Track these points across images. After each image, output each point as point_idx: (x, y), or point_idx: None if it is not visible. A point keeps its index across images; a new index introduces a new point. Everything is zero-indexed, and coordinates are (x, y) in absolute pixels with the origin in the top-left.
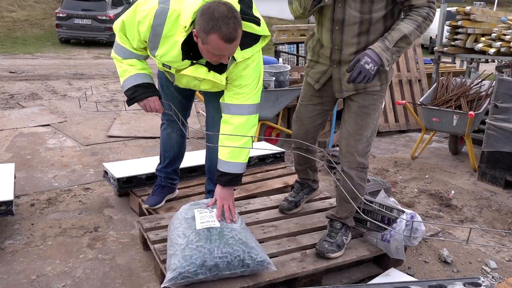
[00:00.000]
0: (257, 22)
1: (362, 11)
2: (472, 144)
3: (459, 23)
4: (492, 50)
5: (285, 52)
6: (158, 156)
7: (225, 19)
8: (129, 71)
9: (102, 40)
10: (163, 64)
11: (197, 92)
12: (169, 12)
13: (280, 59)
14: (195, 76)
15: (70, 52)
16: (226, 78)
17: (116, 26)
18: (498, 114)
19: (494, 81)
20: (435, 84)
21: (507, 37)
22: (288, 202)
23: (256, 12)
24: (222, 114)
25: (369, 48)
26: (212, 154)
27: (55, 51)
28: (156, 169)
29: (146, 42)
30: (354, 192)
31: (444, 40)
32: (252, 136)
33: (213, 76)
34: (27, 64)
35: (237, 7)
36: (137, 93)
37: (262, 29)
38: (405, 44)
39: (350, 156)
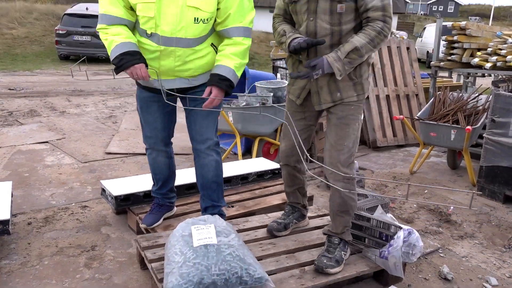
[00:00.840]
0: None
1: (332, 23)
2: (470, 158)
3: (455, 38)
4: (488, 65)
5: (282, 68)
6: None
7: None
8: (115, 40)
9: (101, 57)
10: None
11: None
12: None
13: (278, 75)
14: None
15: (70, 68)
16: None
17: None
18: (495, 129)
19: (491, 96)
20: (432, 99)
21: (503, 52)
22: (278, 223)
23: None
24: (233, 39)
25: (323, 57)
26: (203, 170)
27: (54, 67)
28: (152, 191)
29: None
30: (345, 204)
31: (441, 54)
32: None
33: None
34: (26, 81)
35: None
36: (124, 61)
37: None
38: (356, 56)
39: (334, 167)
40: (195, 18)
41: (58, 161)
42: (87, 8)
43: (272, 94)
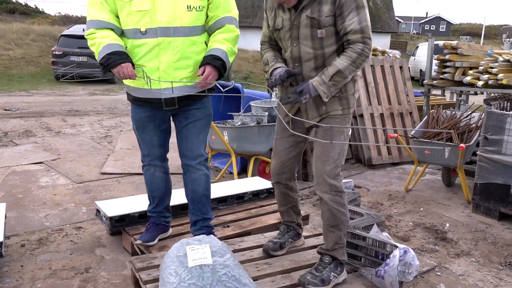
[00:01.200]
0: None
1: (315, 48)
2: (465, 176)
3: (447, 57)
4: (480, 83)
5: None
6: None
7: None
8: (103, 42)
9: (97, 77)
10: None
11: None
12: None
13: (273, 94)
14: None
15: (66, 88)
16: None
17: (88, 1)
18: (488, 146)
19: (483, 114)
20: (426, 117)
21: (494, 70)
22: (273, 243)
23: None
24: (225, 26)
25: (309, 82)
26: (193, 184)
27: (50, 88)
28: (148, 211)
29: None
30: (334, 218)
31: (433, 73)
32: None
33: None
34: (22, 101)
35: None
36: (111, 60)
37: None
38: (340, 78)
39: (319, 178)
40: (188, 6)
41: (52, 181)
42: (83, 29)
43: (267, 113)
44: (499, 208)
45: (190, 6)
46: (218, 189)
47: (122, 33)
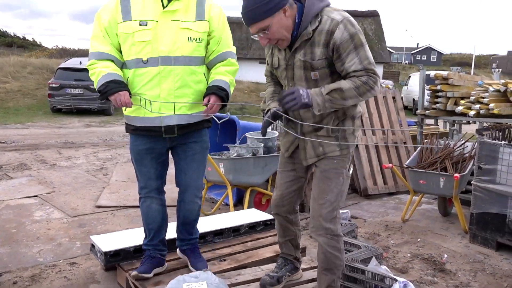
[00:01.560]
0: None
1: (310, 89)
2: (460, 205)
3: (438, 87)
4: (472, 113)
5: None
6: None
7: None
8: (102, 71)
9: (94, 109)
10: (140, 22)
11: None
12: None
13: (269, 128)
14: (169, 9)
15: (61, 121)
16: (209, 38)
17: (91, 35)
18: (483, 176)
19: (476, 143)
20: (420, 147)
21: (485, 100)
22: (270, 277)
23: None
24: (227, 60)
25: (304, 88)
26: (186, 212)
27: (46, 120)
28: (143, 244)
29: (117, 16)
30: (327, 261)
31: (426, 103)
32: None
33: (183, 3)
34: (17, 134)
35: None
36: (109, 88)
37: None
38: (338, 96)
39: (315, 221)
40: (188, 37)
41: (47, 215)
42: (80, 62)
43: (262, 144)
44: (496, 238)
45: (190, 37)
46: (214, 222)
47: (123, 65)
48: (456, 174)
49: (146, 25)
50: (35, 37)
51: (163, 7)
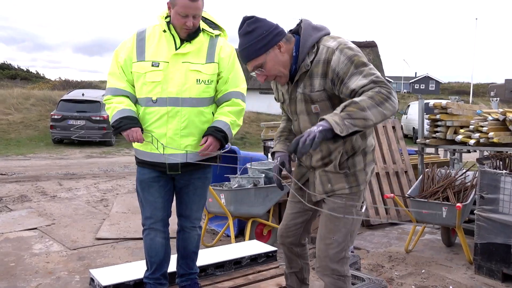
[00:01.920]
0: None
1: (312, 123)
2: (464, 235)
3: (438, 116)
4: (472, 141)
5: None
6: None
7: None
8: (117, 107)
9: (95, 140)
10: (152, 63)
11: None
12: (147, 26)
13: (269, 155)
14: (181, 52)
15: (63, 152)
16: (218, 77)
17: (109, 71)
18: (485, 205)
19: (477, 172)
20: (421, 176)
21: (485, 129)
22: None
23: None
24: (231, 100)
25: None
26: (186, 242)
27: (47, 151)
28: (144, 277)
29: (133, 55)
30: None
31: (426, 132)
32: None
33: (195, 46)
34: (19, 165)
35: None
36: (122, 123)
37: (220, 23)
38: (355, 108)
39: (321, 261)
40: (197, 79)
41: (46, 248)
42: (83, 94)
43: (263, 175)
44: (501, 269)
45: (199, 79)
46: (215, 254)
47: (136, 101)
48: (458, 204)
49: (158, 66)
50: (39, 69)
51: (176, 49)
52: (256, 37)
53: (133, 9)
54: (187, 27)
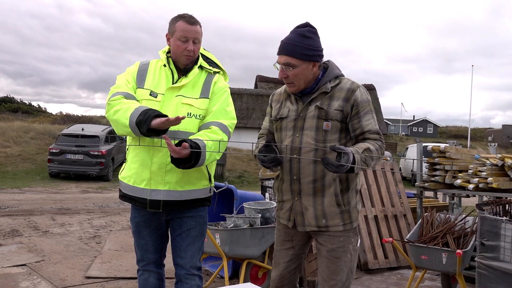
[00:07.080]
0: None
1: (317, 140)
2: (465, 283)
3: (436, 160)
4: (471, 186)
5: (271, 188)
6: None
7: (187, 14)
8: (131, 107)
9: (92, 174)
10: (150, 92)
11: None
12: (151, 60)
13: (267, 194)
14: (177, 85)
15: (59, 186)
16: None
17: (115, 86)
18: (486, 252)
19: (477, 218)
20: (420, 220)
21: (483, 174)
22: None
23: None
24: (210, 128)
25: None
26: (185, 286)
27: (43, 185)
28: None
29: (134, 78)
30: None
31: (424, 176)
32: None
33: (190, 79)
34: (13, 199)
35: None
36: (151, 111)
37: (220, 63)
38: (369, 157)
39: None
40: (188, 113)
41: (33, 286)
42: (82, 129)
43: (260, 215)
44: None
45: (190, 113)
46: None
47: None
48: (458, 250)
49: (156, 97)
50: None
51: (173, 83)
52: (308, 44)
53: (140, 49)
54: (188, 52)
